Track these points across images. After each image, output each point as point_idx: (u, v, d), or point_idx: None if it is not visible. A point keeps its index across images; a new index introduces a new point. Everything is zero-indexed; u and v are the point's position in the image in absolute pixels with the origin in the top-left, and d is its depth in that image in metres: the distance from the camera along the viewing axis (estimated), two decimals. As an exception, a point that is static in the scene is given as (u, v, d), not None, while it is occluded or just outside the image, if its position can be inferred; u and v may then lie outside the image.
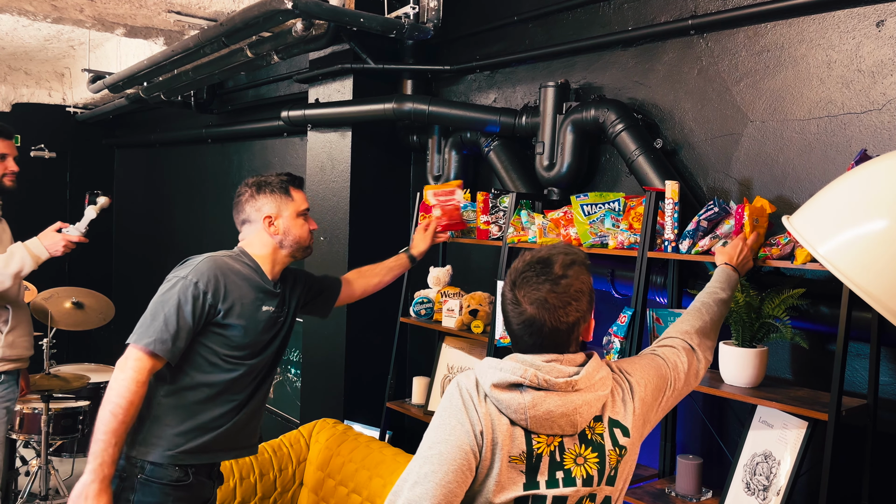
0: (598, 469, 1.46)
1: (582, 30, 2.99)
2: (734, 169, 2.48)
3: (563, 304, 1.43)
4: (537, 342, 1.44)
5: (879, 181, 1.01)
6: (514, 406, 1.40)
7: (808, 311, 2.16)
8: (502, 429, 1.40)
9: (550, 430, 1.42)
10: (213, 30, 3.53)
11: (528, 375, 1.40)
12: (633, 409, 1.53)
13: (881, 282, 0.96)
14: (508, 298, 1.47)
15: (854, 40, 2.19)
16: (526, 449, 1.41)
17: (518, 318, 1.44)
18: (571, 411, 1.41)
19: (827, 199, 1.06)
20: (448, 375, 3.16)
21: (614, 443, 1.49)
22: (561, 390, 1.41)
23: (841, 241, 1.00)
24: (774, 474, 2.04)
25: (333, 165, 3.81)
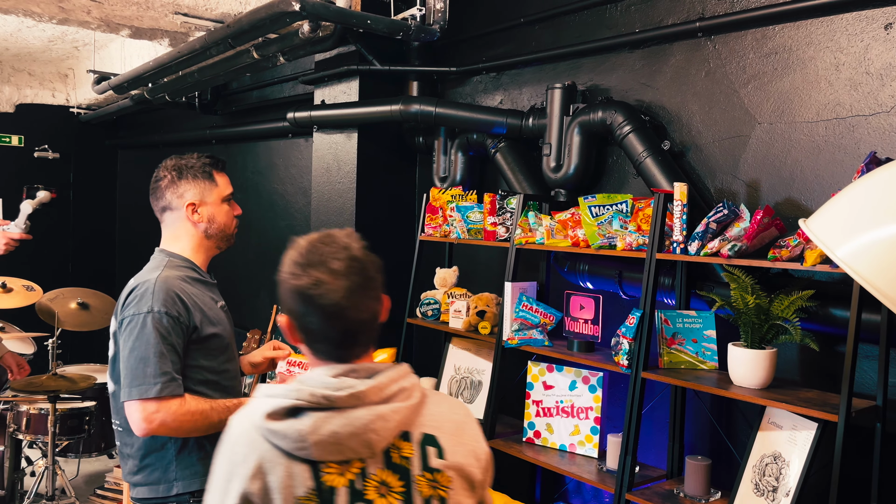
0: (403, 500, 1.23)
1: (588, 32, 3.00)
2: (742, 171, 2.49)
3: (368, 286, 1.25)
4: (338, 338, 1.25)
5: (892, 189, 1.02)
6: (291, 435, 1.18)
7: (818, 313, 2.17)
8: (277, 469, 1.18)
9: (342, 455, 1.20)
10: (219, 31, 3.54)
11: (303, 396, 1.19)
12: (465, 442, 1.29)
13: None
14: (299, 284, 1.23)
15: (862, 43, 2.19)
16: (314, 485, 1.19)
17: (315, 307, 1.22)
18: (362, 429, 1.19)
19: (844, 202, 1.07)
20: (455, 376, 3.17)
21: (424, 466, 1.24)
22: (346, 406, 1.20)
23: (859, 245, 1.00)
24: (784, 475, 2.05)
25: (339, 167, 3.82)
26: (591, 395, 2.71)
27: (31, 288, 4.84)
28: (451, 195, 3.24)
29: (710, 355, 2.40)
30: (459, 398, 3.12)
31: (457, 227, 3.14)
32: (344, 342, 1.26)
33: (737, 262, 2.14)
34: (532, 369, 2.84)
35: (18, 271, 5.84)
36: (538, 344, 2.74)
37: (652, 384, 2.64)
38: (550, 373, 2.80)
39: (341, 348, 1.26)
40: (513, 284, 2.80)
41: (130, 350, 1.82)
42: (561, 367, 2.79)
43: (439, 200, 3.28)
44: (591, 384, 2.71)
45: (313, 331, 1.25)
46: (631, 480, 2.37)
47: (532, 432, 2.81)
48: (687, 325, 2.42)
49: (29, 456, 4.43)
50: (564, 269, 2.94)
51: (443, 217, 3.24)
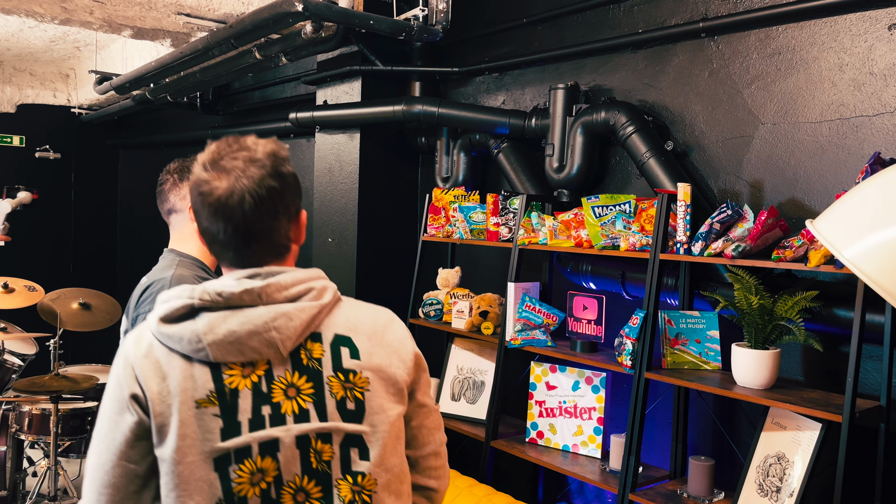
0: (314, 402, 1.19)
1: (591, 32, 3.00)
2: (745, 171, 2.49)
3: (266, 189, 1.19)
4: (229, 240, 1.20)
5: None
6: (186, 337, 1.15)
7: (821, 314, 2.17)
8: (176, 373, 1.15)
9: (243, 356, 1.16)
10: (222, 32, 3.54)
11: (196, 294, 1.17)
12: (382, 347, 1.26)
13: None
14: (192, 180, 1.21)
15: (866, 43, 2.19)
16: (215, 387, 1.15)
17: (204, 204, 1.19)
18: (263, 327, 1.15)
19: (851, 203, 1.07)
20: (457, 376, 3.17)
21: (336, 366, 1.21)
22: (242, 304, 1.16)
23: (866, 246, 1.00)
24: (788, 476, 2.05)
25: (342, 167, 3.82)
26: (594, 396, 2.71)
27: (32, 288, 4.84)
28: (454, 195, 3.24)
29: (714, 356, 2.40)
30: (462, 399, 3.12)
31: (459, 228, 3.14)
32: (237, 245, 1.20)
33: (740, 262, 2.14)
34: (535, 370, 2.84)
35: (20, 272, 5.85)
36: (541, 344, 2.74)
37: (655, 384, 2.64)
38: (553, 373, 2.80)
39: (237, 252, 1.21)
40: (516, 285, 2.80)
41: None
42: (564, 367, 2.79)
43: (442, 201, 3.28)
44: (595, 384, 2.71)
45: (208, 231, 1.22)
46: (634, 481, 2.37)
47: (535, 433, 2.81)
48: (690, 326, 2.42)
49: (31, 456, 4.43)
50: (567, 269, 2.94)
51: (445, 217, 3.24)
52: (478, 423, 3.01)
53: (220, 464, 1.15)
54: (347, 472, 1.20)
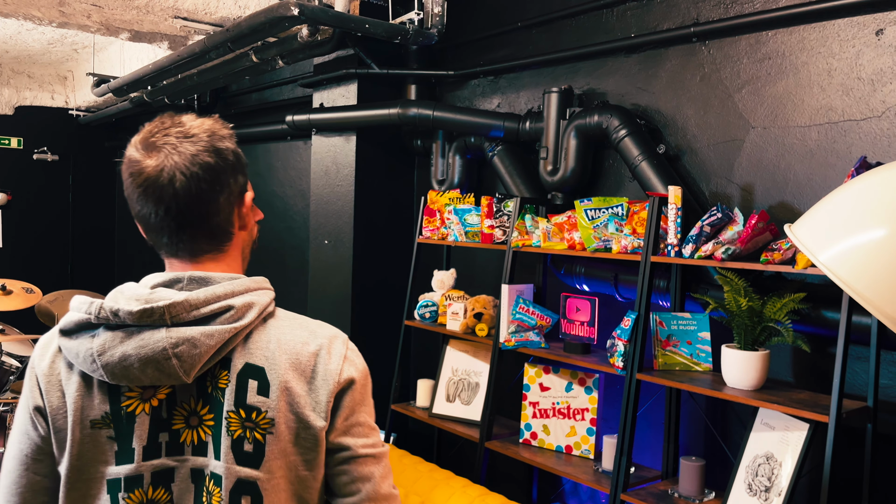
0: (213, 435, 1.07)
1: (585, 36, 3.02)
2: (736, 175, 2.51)
3: (200, 167, 1.08)
4: (160, 224, 1.09)
5: (878, 191, 1.05)
6: (82, 354, 1.05)
7: (810, 315, 2.19)
8: (72, 389, 1.07)
9: (139, 381, 1.05)
10: (219, 35, 3.56)
11: (92, 310, 1.05)
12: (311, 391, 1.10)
13: (879, 288, 1.00)
14: (137, 166, 1.08)
15: (854, 48, 2.22)
16: (110, 408, 1.06)
17: (144, 188, 1.07)
18: (161, 354, 1.02)
19: (827, 208, 1.10)
20: (452, 378, 3.19)
21: (239, 401, 1.06)
22: (139, 324, 1.04)
23: (840, 249, 1.03)
24: (776, 475, 2.08)
25: (338, 169, 3.85)
26: (587, 397, 2.73)
27: (30, 290, 4.86)
28: (449, 198, 3.27)
29: (705, 357, 2.43)
30: (457, 400, 3.14)
31: (454, 230, 3.16)
32: (171, 230, 1.10)
33: (730, 265, 2.16)
34: (528, 371, 2.86)
35: (18, 274, 5.86)
36: (534, 346, 2.76)
37: (647, 386, 2.67)
38: (547, 374, 2.82)
39: (171, 238, 1.11)
40: (509, 287, 2.83)
41: None
42: (557, 368, 2.81)
43: (437, 203, 3.30)
44: (588, 386, 2.74)
45: (140, 215, 1.11)
46: (626, 481, 2.39)
47: (528, 433, 2.83)
48: (681, 328, 2.44)
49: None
50: (561, 271, 2.96)
51: (440, 220, 3.27)
52: (472, 424, 3.03)
53: (111, 487, 1.07)
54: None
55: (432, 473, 2.59)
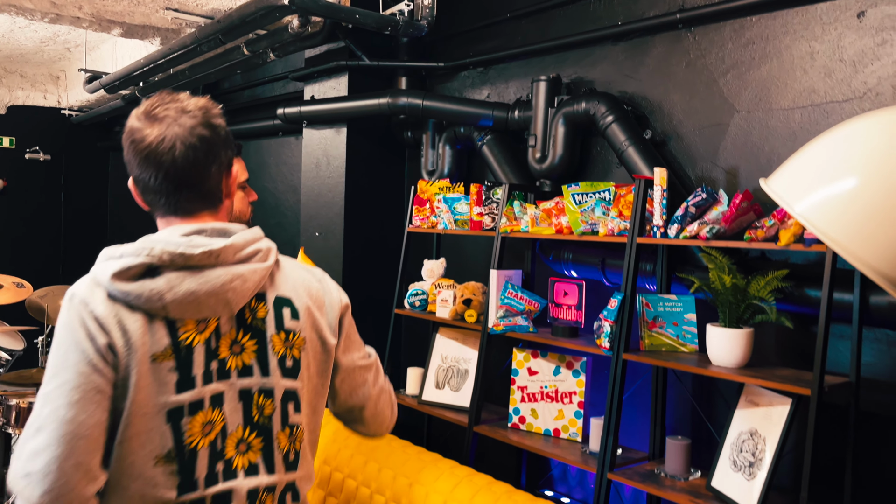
0: (256, 357, 1.28)
1: (573, 25, 3.06)
2: (721, 158, 2.54)
3: (197, 139, 1.24)
4: (164, 187, 1.25)
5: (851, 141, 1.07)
6: (145, 295, 1.18)
7: (793, 294, 2.22)
8: (136, 327, 1.18)
9: (199, 314, 1.22)
10: (210, 27, 3.59)
11: (156, 253, 1.20)
12: (322, 311, 1.38)
13: (856, 235, 1.02)
14: (140, 134, 1.24)
15: (836, 31, 2.26)
16: (171, 342, 1.20)
17: (146, 154, 1.23)
18: (221, 289, 1.21)
19: (801, 160, 1.12)
20: (442, 365, 3.20)
21: (279, 326, 1.31)
22: (201, 265, 1.21)
23: (817, 200, 1.06)
24: (760, 450, 2.10)
25: (329, 162, 3.87)
26: (575, 380, 2.75)
27: (20, 285, 4.85)
28: (439, 187, 3.29)
29: (691, 338, 2.45)
30: (446, 387, 3.15)
31: (444, 218, 3.18)
32: (168, 192, 1.25)
33: (714, 243, 2.19)
34: (517, 356, 2.88)
35: (8, 269, 5.85)
36: (523, 330, 2.78)
37: (634, 370, 2.69)
38: (535, 359, 2.84)
39: (168, 199, 1.26)
40: (498, 272, 2.85)
41: None
42: (545, 352, 2.83)
43: (427, 192, 3.32)
44: (575, 369, 2.76)
45: (139, 179, 1.27)
46: (612, 460, 2.41)
47: (517, 418, 2.85)
48: (668, 309, 2.47)
49: (18, 451, 4.43)
50: (549, 258, 2.99)
51: (430, 209, 3.29)
52: (461, 410, 3.04)
53: (172, 416, 1.20)
54: (286, 424, 1.32)
55: (420, 456, 2.60)
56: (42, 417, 1.13)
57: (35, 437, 1.13)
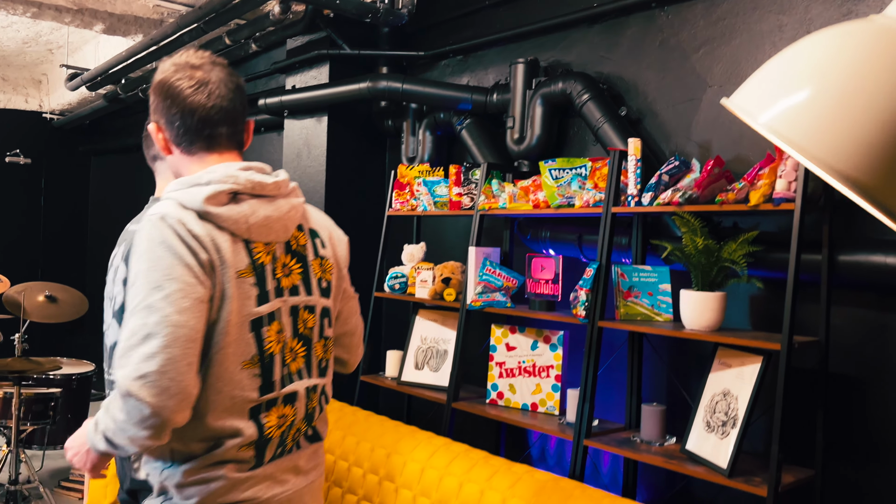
0: (302, 279, 1.46)
1: (550, 10, 3.11)
2: (695, 132, 2.59)
3: (243, 88, 1.46)
4: (219, 119, 1.41)
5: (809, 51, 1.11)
6: (234, 217, 1.34)
7: (764, 258, 2.25)
8: (226, 246, 1.33)
9: (267, 237, 1.39)
10: (191, 15, 3.61)
11: (241, 181, 1.36)
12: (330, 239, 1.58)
13: (820, 141, 1.06)
14: (185, 72, 1.39)
15: (803, 4, 2.32)
16: (250, 260, 1.36)
17: (198, 84, 1.38)
18: (284, 216, 1.42)
19: (764, 73, 1.16)
20: (421, 346, 3.21)
21: (315, 253, 1.51)
22: (271, 195, 1.40)
23: (781, 109, 1.09)
24: (732, 409, 2.12)
25: (310, 151, 3.89)
26: (552, 354, 2.77)
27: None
28: (419, 171, 3.32)
29: (666, 308, 2.48)
30: (426, 367, 3.16)
31: (423, 201, 3.20)
32: (215, 126, 1.40)
33: (687, 208, 2.23)
34: (495, 332, 2.89)
35: (-14, 268, 5.78)
36: (501, 305, 2.80)
37: (610, 342, 2.71)
38: (513, 334, 2.86)
39: (216, 135, 1.41)
40: (477, 249, 2.87)
41: None
42: (523, 328, 2.85)
43: (407, 177, 3.35)
44: (552, 343, 2.78)
45: (184, 117, 1.39)
46: (589, 428, 2.42)
47: (495, 393, 2.86)
48: (643, 279, 2.50)
49: (-8, 445, 4.37)
50: (528, 236, 3.01)
51: (410, 192, 3.31)
52: (441, 389, 3.04)
53: (255, 325, 1.36)
54: (322, 336, 1.52)
55: (398, 428, 2.60)
56: (151, 325, 1.21)
57: (146, 342, 1.20)
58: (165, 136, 1.45)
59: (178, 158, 1.46)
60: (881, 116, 1.08)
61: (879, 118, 1.07)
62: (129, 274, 1.28)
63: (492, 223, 3.14)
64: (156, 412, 1.18)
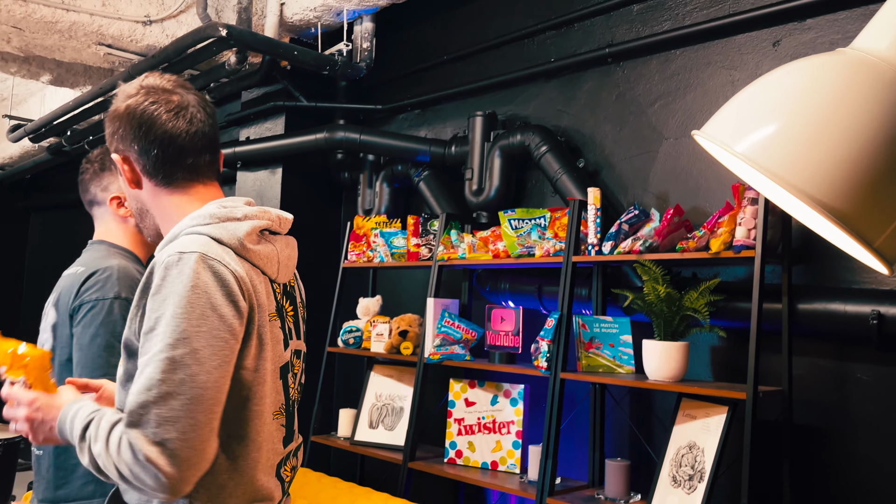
0: (293, 321, 1.34)
1: (507, 65, 3.15)
2: (652, 184, 2.61)
3: (215, 112, 1.34)
4: (202, 155, 1.27)
5: (787, 82, 1.11)
6: (268, 255, 1.24)
7: (725, 308, 2.25)
8: (260, 287, 1.20)
9: (285, 277, 1.31)
10: (143, 63, 3.55)
11: (272, 217, 1.28)
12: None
13: (797, 169, 1.06)
14: (161, 96, 1.25)
15: (754, 60, 2.39)
16: (276, 301, 1.26)
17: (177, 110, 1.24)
18: (294, 254, 1.34)
19: (737, 104, 1.15)
20: (376, 403, 3.09)
21: (300, 294, 1.42)
22: (283, 233, 1.32)
23: (759, 138, 1.09)
24: (699, 462, 2.07)
25: (262, 203, 3.79)
26: (513, 409, 2.69)
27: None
28: (376, 222, 3.26)
29: (627, 360, 2.44)
30: (380, 426, 3.04)
31: (381, 252, 3.14)
32: (199, 154, 1.26)
33: (648, 256, 2.22)
34: (454, 386, 2.81)
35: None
36: (460, 358, 2.72)
37: (571, 396, 2.65)
38: (472, 389, 2.77)
39: (199, 163, 1.26)
40: (435, 300, 2.81)
41: (93, 337, 1.71)
42: (482, 382, 2.77)
43: (363, 228, 3.29)
44: (513, 397, 2.70)
45: (170, 136, 1.23)
46: (552, 486, 2.33)
47: (454, 452, 2.75)
48: (604, 330, 2.46)
49: None
50: (486, 288, 2.97)
51: (367, 243, 3.25)
52: (397, 449, 2.92)
53: (283, 372, 1.26)
54: (298, 380, 1.37)
55: (352, 490, 2.47)
56: (174, 383, 1.05)
57: (167, 402, 1.04)
58: (136, 168, 1.27)
59: (152, 192, 1.28)
60: (855, 145, 1.08)
61: (854, 146, 1.07)
62: (147, 312, 1.11)
63: (450, 275, 3.09)
64: (173, 483, 1.05)
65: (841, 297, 2.03)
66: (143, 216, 1.33)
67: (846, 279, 2.12)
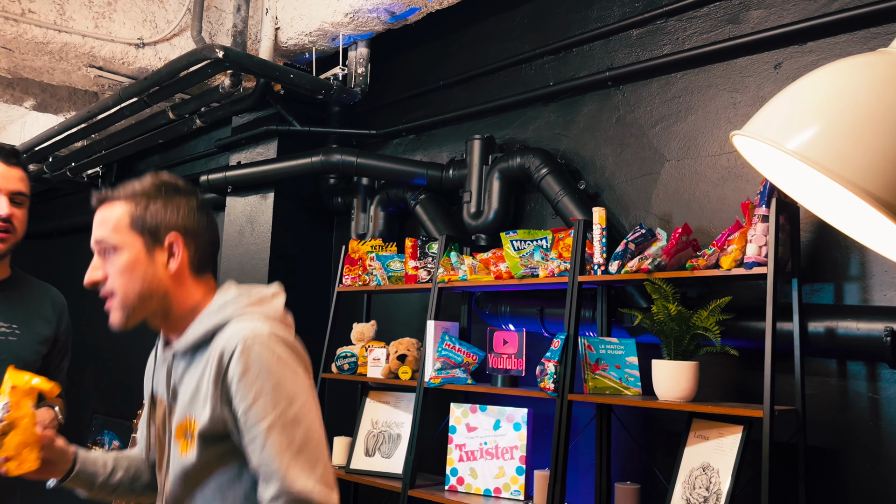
0: None
1: (505, 90, 3.16)
2: (654, 205, 2.61)
3: None
4: (216, 250, 1.45)
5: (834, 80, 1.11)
6: (291, 322, 1.41)
7: (734, 327, 2.23)
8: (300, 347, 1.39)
9: None
10: (135, 86, 3.50)
11: (282, 290, 1.45)
12: None
13: (852, 165, 1.05)
14: (202, 209, 1.41)
15: (756, 82, 2.41)
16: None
17: (213, 233, 1.42)
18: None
19: (780, 103, 1.15)
20: (372, 431, 3.02)
21: None
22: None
23: (812, 135, 1.08)
24: (714, 483, 2.03)
25: (253, 228, 3.75)
26: (516, 434, 2.63)
27: None
28: (371, 246, 3.22)
29: (634, 381, 2.41)
30: (377, 454, 2.96)
31: (377, 275, 3.09)
32: (217, 249, 1.45)
33: (657, 275, 2.20)
34: (454, 411, 2.75)
35: None
36: (461, 382, 2.67)
37: (577, 419, 2.61)
38: (474, 414, 2.72)
39: (215, 256, 1.44)
40: (435, 322, 2.76)
41: None
42: (484, 406, 2.71)
43: (359, 252, 3.24)
44: (516, 422, 2.64)
45: (202, 233, 1.39)
46: (561, 511, 2.27)
47: (455, 479, 2.68)
48: (610, 352, 2.43)
49: None
50: (486, 311, 2.93)
51: (362, 267, 3.20)
52: (394, 477, 2.84)
53: None
54: None
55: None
56: (300, 436, 1.23)
57: (303, 452, 1.23)
58: (186, 255, 1.37)
59: (178, 279, 1.37)
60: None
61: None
62: (240, 393, 1.24)
63: (448, 299, 3.05)
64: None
65: (853, 314, 2.03)
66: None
67: (857, 297, 2.12)
